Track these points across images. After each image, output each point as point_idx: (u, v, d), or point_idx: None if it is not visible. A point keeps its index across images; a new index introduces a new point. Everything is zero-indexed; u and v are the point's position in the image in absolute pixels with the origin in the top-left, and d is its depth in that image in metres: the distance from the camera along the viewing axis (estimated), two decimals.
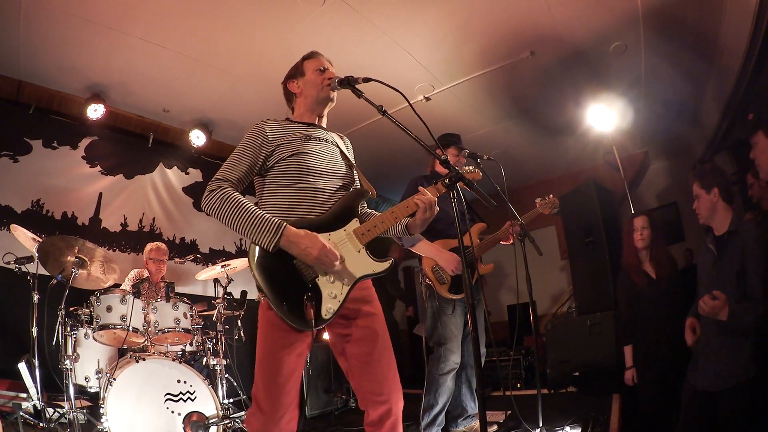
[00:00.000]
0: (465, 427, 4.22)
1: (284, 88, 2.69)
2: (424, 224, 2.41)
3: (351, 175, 2.53)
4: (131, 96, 6.13)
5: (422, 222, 2.39)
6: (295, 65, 2.66)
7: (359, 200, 2.40)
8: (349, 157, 2.60)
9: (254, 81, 5.78)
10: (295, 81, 2.62)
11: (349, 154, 2.64)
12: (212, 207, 2.22)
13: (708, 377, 2.99)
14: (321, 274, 2.18)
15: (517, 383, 6.56)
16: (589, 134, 6.86)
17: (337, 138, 2.64)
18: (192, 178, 7.34)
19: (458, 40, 5.29)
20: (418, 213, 2.36)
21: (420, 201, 2.33)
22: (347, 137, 2.82)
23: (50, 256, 4.06)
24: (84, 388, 4.13)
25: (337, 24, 4.84)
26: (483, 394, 2.02)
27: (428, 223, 2.42)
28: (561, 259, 8.87)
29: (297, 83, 2.61)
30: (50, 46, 5.08)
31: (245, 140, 2.37)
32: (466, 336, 4.19)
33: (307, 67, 2.59)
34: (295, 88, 2.62)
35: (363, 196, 2.43)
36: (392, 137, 4.99)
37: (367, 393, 2.27)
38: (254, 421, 2.15)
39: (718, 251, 3.11)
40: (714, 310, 2.77)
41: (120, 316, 3.93)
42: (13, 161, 5.58)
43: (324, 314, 2.15)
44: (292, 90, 2.63)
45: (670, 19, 4.98)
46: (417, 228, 2.45)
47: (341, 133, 2.75)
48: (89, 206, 6.16)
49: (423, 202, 2.32)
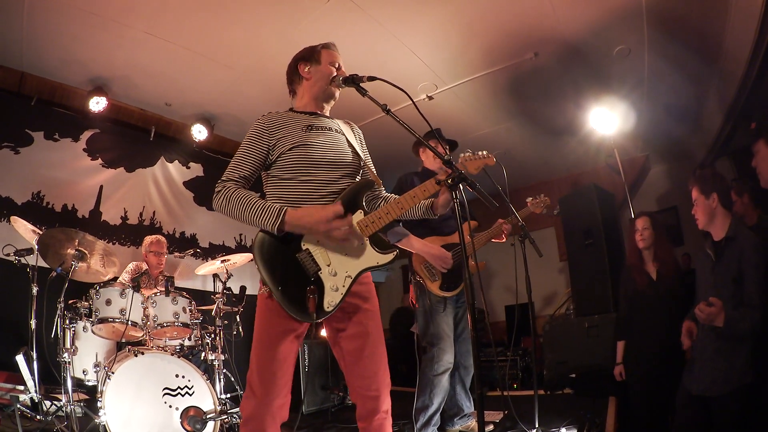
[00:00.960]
0: (461, 426, 4.23)
1: (292, 67, 2.62)
2: (448, 203, 2.41)
3: (357, 164, 2.49)
4: (134, 89, 6.13)
5: (446, 201, 2.40)
6: (311, 49, 2.59)
7: (364, 191, 2.38)
8: (355, 146, 2.54)
9: (257, 76, 5.77)
10: (307, 65, 2.55)
11: (356, 142, 2.58)
12: (220, 206, 2.26)
13: (704, 382, 3.00)
14: (324, 266, 2.19)
15: (514, 384, 6.57)
16: (590, 137, 6.88)
17: (342, 125, 2.60)
18: (193, 172, 7.33)
19: (462, 40, 5.29)
20: (442, 192, 2.37)
21: (443, 175, 2.32)
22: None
23: (50, 249, 4.06)
24: (82, 382, 4.13)
25: (341, 21, 4.85)
26: (482, 393, 2.02)
27: (451, 204, 2.39)
28: (560, 260, 8.88)
29: (309, 68, 2.55)
30: (53, 38, 5.07)
31: (247, 138, 2.38)
32: (459, 335, 4.19)
33: (324, 56, 2.54)
34: (306, 72, 2.55)
35: (368, 187, 2.42)
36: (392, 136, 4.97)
37: (357, 387, 2.32)
38: (247, 405, 2.18)
39: (716, 256, 3.12)
40: (710, 316, 2.78)
41: (119, 309, 3.94)
42: (15, 153, 5.58)
43: (326, 307, 2.17)
44: (301, 72, 2.57)
45: (674, 24, 4.99)
46: (442, 208, 2.46)
47: None
48: (90, 199, 6.16)
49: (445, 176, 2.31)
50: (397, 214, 2.34)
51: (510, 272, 3.98)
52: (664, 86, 6.08)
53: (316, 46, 2.59)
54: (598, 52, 5.48)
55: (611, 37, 5.23)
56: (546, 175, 9.23)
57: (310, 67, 2.55)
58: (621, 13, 4.85)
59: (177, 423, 3.69)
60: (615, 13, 4.85)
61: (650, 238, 4.07)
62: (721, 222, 3.13)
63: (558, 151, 7.96)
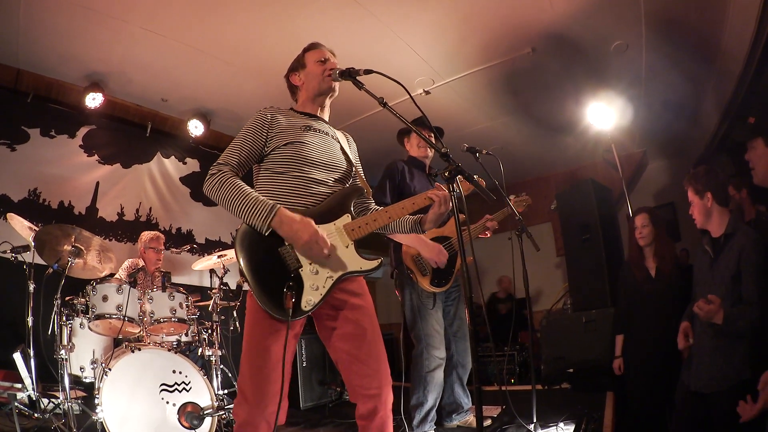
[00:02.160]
0: (460, 422, 4.23)
1: (287, 80, 2.68)
2: (438, 219, 2.40)
3: (349, 171, 2.52)
4: (130, 85, 6.11)
5: (436, 217, 2.39)
6: (297, 57, 2.64)
7: (353, 196, 2.38)
8: (350, 155, 2.57)
9: (254, 72, 5.76)
10: (297, 73, 2.61)
11: (350, 152, 2.61)
12: (211, 190, 2.22)
13: (702, 378, 3.00)
14: (306, 263, 2.16)
15: (512, 379, 6.59)
16: (588, 132, 6.88)
17: (339, 134, 2.63)
18: (189, 168, 7.33)
19: (459, 35, 5.28)
20: (433, 207, 2.36)
21: (435, 196, 2.33)
22: (347, 131, 2.80)
23: (47, 245, 4.04)
24: (79, 378, 4.11)
25: (339, 15, 4.83)
26: (479, 387, 2.01)
27: (442, 219, 2.41)
28: (556, 255, 8.89)
29: (299, 75, 2.60)
30: (50, 34, 5.04)
31: (247, 126, 2.38)
32: (455, 333, 4.18)
33: (308, 58, 2.58)
34: (297, 80, 2.61)
35: (357, 192, 2.41)
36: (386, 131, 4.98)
37: (357, 387, 2.27)
38: (240, 411, 2.14)
39: (714, 253, 3.12)
40: (709, 314, 2.79)
41: (116, 305, 3.90)
42: (11, 150, 5.57)
43: (304, 306, 2.13)
44: (294, 82, 2.63)
45: (672, 20, 4.99)
46: (430, 223, 2.44)
47: (341, 124, 2.74)
48: (86, 195, 6.15)
49: (438, 197, 2.32)
50: (384, 222, 2.34)
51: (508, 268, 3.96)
52: (662, 82, 6.08)
53: (300, 53, 2.65)
54: (596, 48, 5.48)
55: (609, 32, 5.23)
56: (543, 170, 9.25)
57: (299, 74, 2.61)
58: (619, 8, 4.85)
59: (174, 419, 3.69)
60: (613, 8, 4.85)
61: (650, 236, 4.08)
62: (719, 219, 3.13)
63: (555, 146, 7.97)
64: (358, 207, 2.57)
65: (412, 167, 4.20)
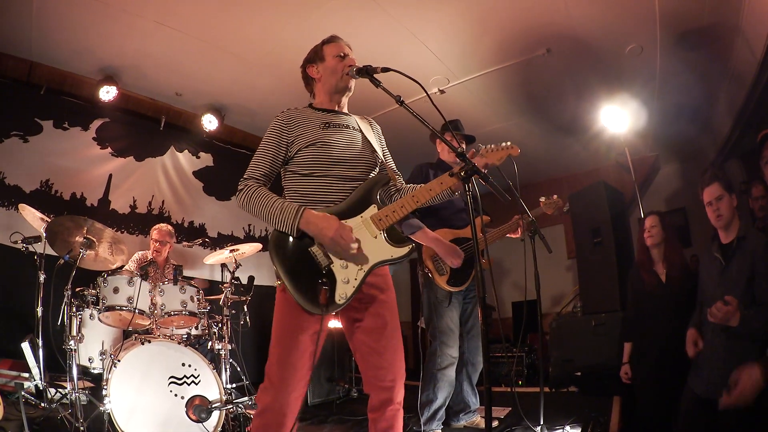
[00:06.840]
0: (467, 422, 4.23)
1: (303, 71, 2.66)
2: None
3: (374, 161, 2.51)
4: (144, 79, 6.14)
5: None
6: (315, 49, 2.63)
7: (377, 187, 2.38)
8: (373, 142, 2.56)
9: (268, 67, 5.76)
10: (314, 66, 2.59)
11: (373, 138, 2.60)
12: (243, 205, 2.32)
13: (714, 383, 2.97)
14: (336, 259, 2.21)
15: (519, 380, 6.57)
16: (601, 135, 6.85)
17: (360, 122, 2.63)
18: (203, 162, 7.34)
19: (474, 35, 5.26)
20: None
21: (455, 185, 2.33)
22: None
23: (58, 236, 4.06)
24: (87, 369, 4.14)
25: (353, 12, 4.83)
26: (488, 388, 2.01)
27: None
28: (567, 258, 8.84)
29: (316, 68, 2.58)
30: (63, 28, 5.07)
31: (266, 135, 2.42)
32: (468, 331, 4.18)
33: (326, 52, 2.56)
34: (315, 73, 2.59)
35: (382, 182, 2.42)
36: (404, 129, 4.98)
37: (372, 378, 2.33)
38: (264, 395, 2.20)
39: (725, 259, 3.09)
40: (726, 315, 2.75)
41: (126, 297, 3.92)
42: (24, 141, 5.60)
43: (338, 299, 2.18)
44: (311, 74, 2.61)
45: (687, 24, 4.97)
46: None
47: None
48: (99, 188, 6.19)
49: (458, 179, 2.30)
50: (412, 208, 2.33)
51: (519, 269, 3.95)
52: (676, 86, 6.04)
53: (319, 45, 2.63)
54: (611, 50, 5.44)
55: (624, 35, 5.20)
56: (555, 171, 9.19)
57: (317, 66, 2.59)
58: (634, 11, 4.83)
59: (182, 412, 3.69)
60: (628, 11, 4.82)
61: (658, 236, 4.02)
62: (735, 222, 3.11)
63: (568, 148, 7.94)
64: (386, 193, 2.57)
65: (439, 171, 4.15)
